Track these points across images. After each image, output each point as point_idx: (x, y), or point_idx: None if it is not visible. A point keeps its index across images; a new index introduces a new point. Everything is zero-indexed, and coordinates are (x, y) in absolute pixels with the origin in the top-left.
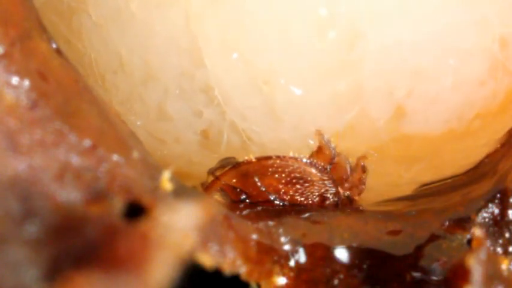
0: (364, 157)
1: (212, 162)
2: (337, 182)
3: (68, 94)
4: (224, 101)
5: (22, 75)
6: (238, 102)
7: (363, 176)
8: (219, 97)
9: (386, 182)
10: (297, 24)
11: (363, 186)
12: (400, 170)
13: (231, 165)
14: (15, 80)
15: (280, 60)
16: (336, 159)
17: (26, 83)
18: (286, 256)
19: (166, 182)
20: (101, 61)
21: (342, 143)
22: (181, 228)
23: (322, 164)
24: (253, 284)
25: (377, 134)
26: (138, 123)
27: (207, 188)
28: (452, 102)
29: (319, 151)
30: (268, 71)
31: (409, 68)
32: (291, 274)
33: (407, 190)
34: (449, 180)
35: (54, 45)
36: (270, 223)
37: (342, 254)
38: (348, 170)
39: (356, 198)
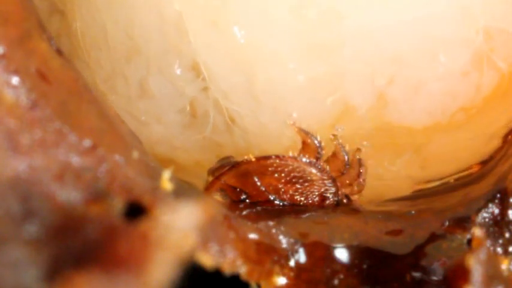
0: (359, 150)
1: (195, 145)
2: (336, 178)
3: (68, 94)
4: (208, 77)
5: (22, 75)
6: (221, 80)
7: (361, 171)
8: (204, 73)
9: (371, 174)
10: (277, 2)
11: (362, 182)
12: (384, 161)
13: (230, 165)
14: (15, 80)
15: (262, 39)
16: (334, 151)
17: (26, 83)
18: (286, 256)
19: (166, 182)
20: (88, 35)
21: (327, 133)
22: (182, 228)
23: (321, 163)
24: (253, 284)
25: (361, 123)
26: (121, 104)
27: (207, 188)
28: (435, 92)
29: (305, 146)
30: (249, 49)
31: (389, 54)
32: (291, 274)
33: (393, 184)
34: (449, 181)
35: (54, 46)
36: (270, 223)
37: (342, 254)
38: (346, 161)
39: (356, 196)
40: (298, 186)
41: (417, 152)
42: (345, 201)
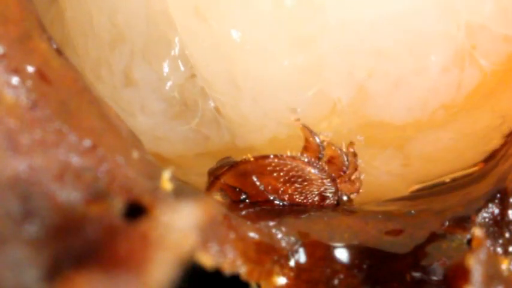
0: (352, 143)
1: (179, 136)
2: (335, 178)
3: (68, 94)
4: (194, 65)
5: (22, 75)
6: (204, 68)
7: (357, 166)
8: (191, 61)
9: None
10: None
11: (360, 179)
12: (366, 157)
13: (229, 165)
14: (15, 80)
15: (243, 29)
16: (330, 152)
17: (26, 83)
18: (286, 256)
19: (166, 182)
20: (76, 22)
21: (311, 126)
22: (182, 228)
23: (321, 162)
24: (253, 284)
25: (342, 118)
26: (106, 93)
27: (207, 188)
28: (415, 88)
29: (307, 145)
30: (231, 38)
31: (369, 47)
32: (291, 274)
33: (376, 181)
34: (445, 180)
35: (54, 45)
36: (270, 223)
37: (342, 254)
38: (345, 161)
39: (356, 193)
40: (297, 185)
41: (399, 149)
42: (344, 198)
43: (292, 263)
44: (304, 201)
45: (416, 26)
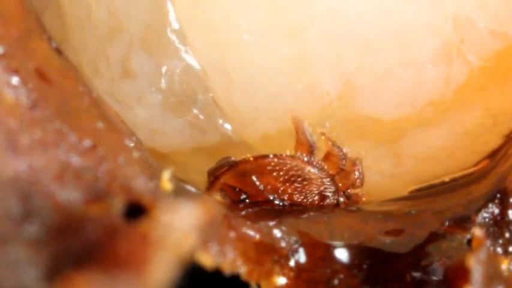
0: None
1: (175, 129)
2: (335, 176)
3: (68, 94)
4: (194, 55)
5: (22, 75)
6: (202, 59)
7: (359, 166)
8: (192, 51)
9: None
10: None
11: (361, 178)
12: (356, 154)
13: (229, 164)
14: (15, 80)
15: (233, 20)
16: (327, 148)
17: (26, 83)
18: (286, 256)
19: (166, 182)
20: (74, 14)
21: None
22: (182, 228)
23: (319, 160)
24: (253, 284)
25: (331, 113)
26: (104, 87)
27: (207, 188)
28: (403, 81)
29: (299, 140)
30: (223, 28)
31: (356, 39)
32: (291, 274)
33: (368, 180)
34: (448, 181)
35: (54, 45)
36: (270, 223)
37: (342, 254)
38: (342, 157)
39: (358, 191)
40: (297, 185)
41: (390, 147)
42: (342, 199)
43: (292, 263)
44: (304, 200)
45: (403, 17)
